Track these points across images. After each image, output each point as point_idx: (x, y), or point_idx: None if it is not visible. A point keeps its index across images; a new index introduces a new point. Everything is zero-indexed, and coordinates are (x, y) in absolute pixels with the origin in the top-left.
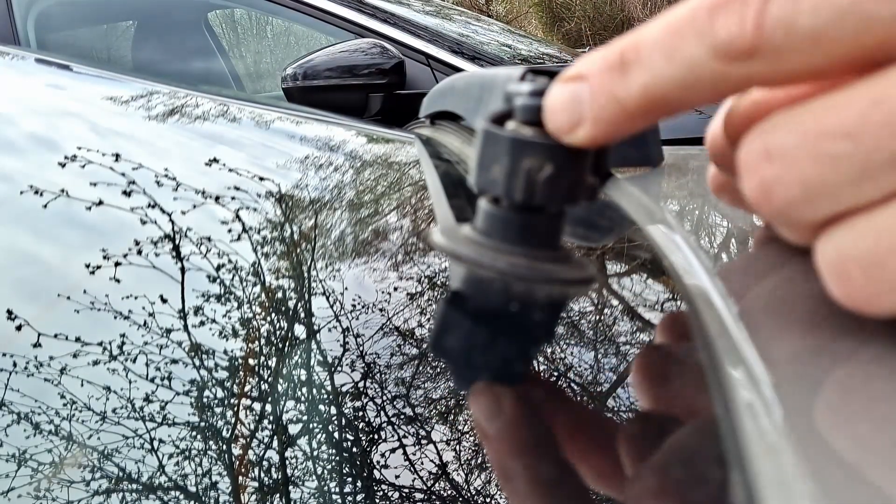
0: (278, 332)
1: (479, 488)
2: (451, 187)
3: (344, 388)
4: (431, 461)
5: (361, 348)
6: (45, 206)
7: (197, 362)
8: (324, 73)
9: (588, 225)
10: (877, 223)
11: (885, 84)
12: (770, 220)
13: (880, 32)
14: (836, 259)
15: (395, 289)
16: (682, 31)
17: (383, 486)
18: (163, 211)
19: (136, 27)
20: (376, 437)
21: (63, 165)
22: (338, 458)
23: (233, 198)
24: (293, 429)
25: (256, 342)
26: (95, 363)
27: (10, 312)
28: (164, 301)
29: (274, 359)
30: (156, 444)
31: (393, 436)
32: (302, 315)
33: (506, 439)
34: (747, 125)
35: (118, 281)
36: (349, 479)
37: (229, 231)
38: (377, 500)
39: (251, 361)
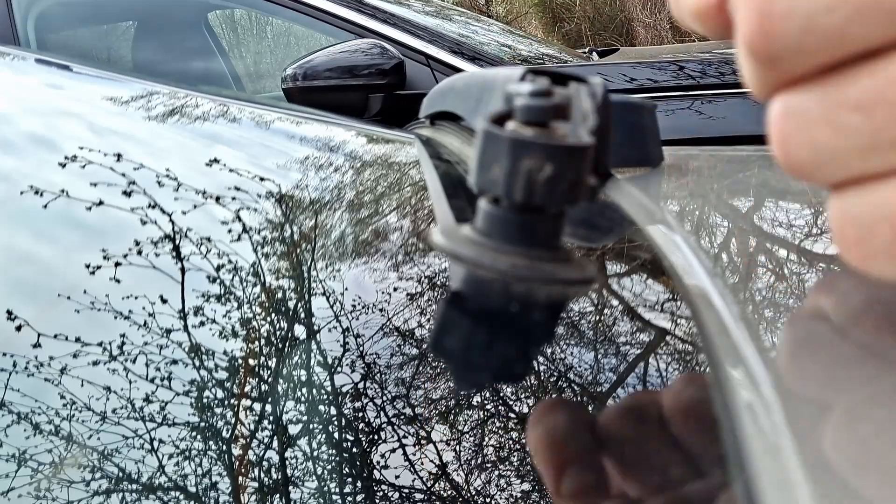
0: (278, 333)
1: (478, 488)
2: (451, 187)
3: (344, 389)
4: (431, 461)
5: (361, 349)
6: (45, 206)
7: (197, 363)
8: (324, 73)
9: (588, 225)
10: (876, 194)
11: None
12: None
13: None
14: (838, 219)
15: (395, 289)
16: None
17: (383, 486)
18: (163, 211)
19: (136, 27)
20: (376, 437)
21: (63, 165)
22: (338, 458)
23: (233, 198)
24: (293, 429)
25: (256, 343)
26: (95, 363)
27: (9, 312)
28: (164, 301)
29: (274, 359)
30: (156, 444)
31: (393, 436)
32: (302, 315)
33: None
34: None
35: (118, 281)
36: (349, 479)
37: (229, 231)
38: (377, 501)
39: (251, 362)
